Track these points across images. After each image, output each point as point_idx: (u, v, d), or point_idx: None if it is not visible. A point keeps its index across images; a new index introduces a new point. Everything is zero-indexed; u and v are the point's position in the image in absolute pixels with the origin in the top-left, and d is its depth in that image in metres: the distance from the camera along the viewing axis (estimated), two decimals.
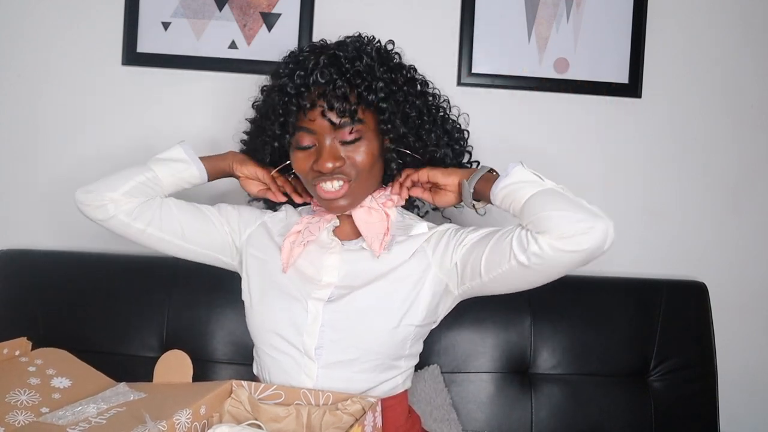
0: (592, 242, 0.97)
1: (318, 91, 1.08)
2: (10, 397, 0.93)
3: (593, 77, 1.70)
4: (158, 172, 1.22)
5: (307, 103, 1.09)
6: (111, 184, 1.20)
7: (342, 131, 1.09)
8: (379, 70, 1.12)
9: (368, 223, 1.17)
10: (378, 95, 1.10)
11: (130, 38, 1.66)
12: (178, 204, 1.25)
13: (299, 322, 1.13)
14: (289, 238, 1.19)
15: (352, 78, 1.09)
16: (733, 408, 1.68)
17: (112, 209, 1.19)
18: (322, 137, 1.10)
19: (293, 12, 1.67)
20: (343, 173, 1.11)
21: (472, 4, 1.68)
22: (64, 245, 1.66)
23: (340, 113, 1.07)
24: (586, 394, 1.54)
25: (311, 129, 1.10)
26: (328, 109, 1.07)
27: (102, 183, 1.21)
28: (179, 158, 1.24)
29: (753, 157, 1.74)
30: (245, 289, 1.24)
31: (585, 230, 0.97)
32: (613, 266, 1.72)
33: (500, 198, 1.09)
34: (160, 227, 1.22)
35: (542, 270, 1.01)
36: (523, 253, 1.00)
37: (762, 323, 1.76)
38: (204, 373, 1.48)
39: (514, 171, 1.10)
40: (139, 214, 1.20)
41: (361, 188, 1.15)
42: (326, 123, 1.08)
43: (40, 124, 1.69)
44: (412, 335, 1.15)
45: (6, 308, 1.54)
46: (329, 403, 1.01)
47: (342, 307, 1.13)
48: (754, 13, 1.72)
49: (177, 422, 0.85)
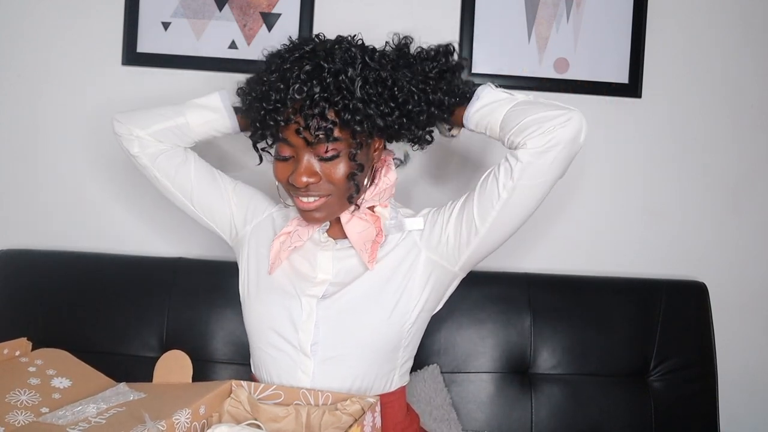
0: (569, 132, 1.03)
1: (295, 107, 1.04)
2: (11, 397, 0.93)
3: (593, 77, 1.70)
4: (190, 118, 1.24)
5: (282, 120, 1.05)
6: (143, 121, 1.24)
7: (318, 148, 1.06)
8: (364, 87, 1.06)
9: (357, 233, 1.15)
10: (355, 117, 1.04)
11: (130, 38, 1.66)
12: (198, 166, 1.28)
13: (295, 319, 1.14)
14: (279, 239, 1.19)
15: (331, 95, 1.03)
16: (733, 408, 1.68)
17: (136, 147, 1.24)
18: (299, 150, 1.07)
19: (293, 12, 1.67)
20: (319, 190, 1.09)
21: (472, 4, 1.68)
22: (64, 245, 1.66)
23: (315, 131, 1.03)
24: (586, 394, 1.54)
25: (289, 141, 1.07)
26: (303, 128, 1.04)
27: (136, 116, 1.24)
28: (215, 107, 1.26)
29: (753, 157, 1.74)
30: (242, 283, 1.24)
31: (562, 123, 1.02)
32: (613, 266, 1.72)
33: (474, 122, 1.13)
34: (173, 181, 1.26)
35: (530, 186, 1.05)
36: (509, 178, 1.05)
37: (762, 323, 1.76)
38: (203, 373, 1.48)
39: (484, 93, 1.13)
40: (159, 162, 1.24)
41: (338, 202, 1.12)
42: (301, 140, 1.05)
43: (40, 124, 1.69)
44: (409, 325, 1.14)
45: (6, 308, 1.54)
46: (328, 403, 1.01)
47: (334, 303, 1.13)
48: (754, 13, 1.72)
49: (176, 422, 0.85)
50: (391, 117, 1.08)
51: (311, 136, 1.03)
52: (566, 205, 1.73)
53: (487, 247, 1.14)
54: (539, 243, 1.73)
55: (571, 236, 1.74)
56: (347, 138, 1.06)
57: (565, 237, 1.74)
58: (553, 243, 1.73)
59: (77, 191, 1.70)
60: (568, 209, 1.73)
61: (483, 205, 1.08)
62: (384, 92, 1.08)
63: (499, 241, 1.14)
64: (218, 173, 1.31)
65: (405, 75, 1.12)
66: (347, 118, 1.03)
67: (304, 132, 1.04)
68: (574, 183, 1.73)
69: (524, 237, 1.72)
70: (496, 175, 1.07)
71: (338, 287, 1.15)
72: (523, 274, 1.63)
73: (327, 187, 1.09)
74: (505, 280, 1.61)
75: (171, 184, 1.26)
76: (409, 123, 1.12)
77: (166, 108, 1.26)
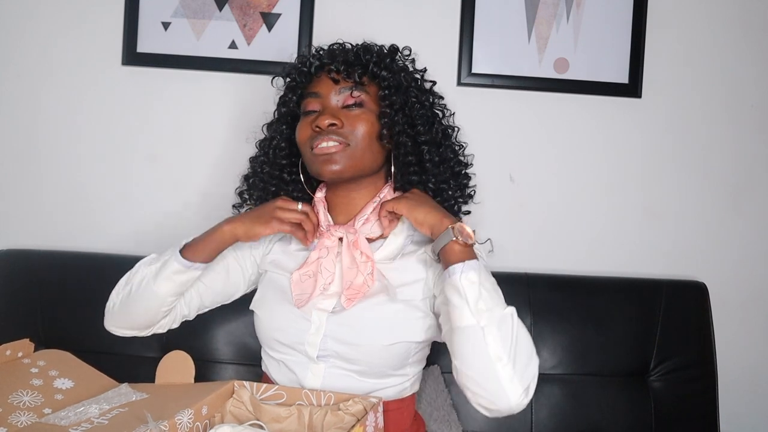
0: (493, 415, 1.01)
1: (328, 58, 1.17)
2: (13, 398, 0.93)
3: (593, 77, 1.70)
4: (167, 292, 1.17)
5: (316, 62, 1.17)
6: (133, 323, 1.22)
7: (345, 95, 1.13)
8: (386, 60, 1.18)
9: (349, 269, 1.13)
10: (384, 69, 1.16)
11: (130, 38, 1.66)
12: (206, 287, 1.25)
13: (303, 332, 1.13)
14: (299, 271, 1.17)
15: (362, 53, 1.17)
16: (733, 408, 1.68)
17: (145, 333, 1.25)
18: (326, 99, 1.14)
19: (293, 12, 1.67)
20: (340, 134, 1.10)
21: (472, 4, 1.68)
22: (64, 245, 1.66)
23: (345, 75, 1.14)
24: (586, 394, 1.54)
25: (317, 92, 1.15)
26: (334, 71, 1.14)
27: (124, 322, 1.23)
28: (178, 271, 1.16)
29: (753, 157, 1.74)
30: (256, 299, 1.24)
31: (485, 405, 0.99)
32: (613, 266, 1.72)
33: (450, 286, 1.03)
34: (187, 314, 1.26)
35: None
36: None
37: (762, 323, 1.76)
38: (203, 373, 1.48)
39: (452, 279, 1.00)
40: (171, 321, 1.25)
41: (356, 158, 1.12)
42: (330, 82, 1.14)
43: (40, 124, 1.69)
44: (414, 349, 1.14)
45: (6, 308, 1.54)
46: (331, 404, 1.01)
47: (345, 319, 1.12)
48: (754, 13, 1.72)
49: (179, 422, 0.85)
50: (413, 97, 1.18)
51: (340, 76, 1.14)
52: (566, 205, 1.73)
53: None
54: (539, 243, 1.74)
55: (571, 236, 1.74)
56: (373, 92, 1.16)
57: (565, 237, 1.74)
58: (553, 243, 1.73)
59: (77, 191, 1.70)
60: (568, 209, 1.74)
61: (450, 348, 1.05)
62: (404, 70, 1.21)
63: None
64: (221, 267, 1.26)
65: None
66: (375, 70, 1.15)
67: (334, 73, 1.14)
68: (574, 183, 1.73)
69: (524, 237, 1.73)
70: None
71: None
72: (523, 274, 1.63)
73: (348, 134, 1.11)
74: (505, 280, 1.58)
75: (185, 317, 1.26)
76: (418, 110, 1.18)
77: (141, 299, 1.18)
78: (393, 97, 1.14)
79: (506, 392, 0.95)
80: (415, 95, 1.19)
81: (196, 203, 1.69)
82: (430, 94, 1.24)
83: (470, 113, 1.47)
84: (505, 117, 1.71)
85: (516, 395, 0.95)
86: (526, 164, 1.72)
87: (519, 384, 0.95)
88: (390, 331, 1.11)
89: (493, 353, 0.95)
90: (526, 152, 1.72)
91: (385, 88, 1.15)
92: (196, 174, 1.70)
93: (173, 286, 1.16)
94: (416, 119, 1.17)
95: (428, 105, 1.22)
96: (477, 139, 1.37)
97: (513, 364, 0.95)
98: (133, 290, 1.19)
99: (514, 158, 1.72)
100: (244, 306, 1.27)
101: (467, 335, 0.97)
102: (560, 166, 1.73)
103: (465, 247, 1.03)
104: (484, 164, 1.43)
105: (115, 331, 1.24)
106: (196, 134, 1.69)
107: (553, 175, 1.73)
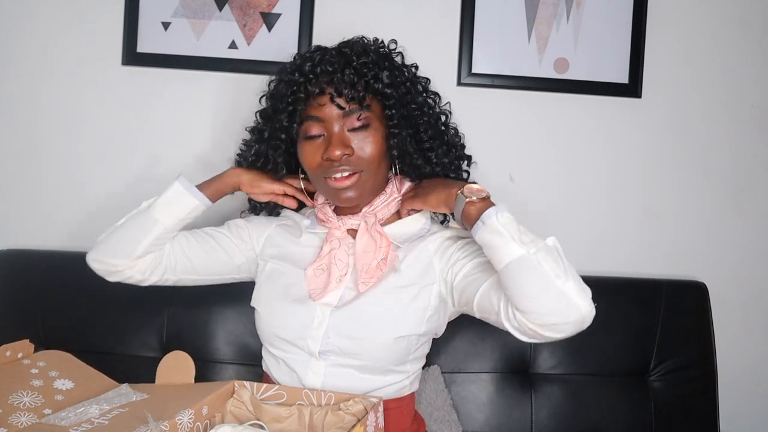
0: (565, 333, 0.98)
1: (326, 79, 1.09)
2: (13, 398, 0.93)
3: (593, 77, 1.70)
4: (162, 220, 1.19)
5: (315, 89, 1.09)
6: (120, 250, 1.19)
7: (350, 118, 1.09)
8: (385, 63, 1.14)
9: (364, 253, 1.14)
10: (384, 83, 1.11)
11: (130, 38, 1.66)
12: (188, 242, 1.24)
13: (305, 326, 1.14)
14: (312, 265, 1.18)
15: (360, 68, 1.10)
16: (733, 408, 1.68)
17: (126, 273, 1.21)
18: (330, 125, 1.10)
19: (293, 12, 1.67)
20: (352, 164, 1.10)
21: (472, 4, 1.68)
22: (64, 245, 1.66)
23: (348, 99, 1.08)
24: (586, 394, 1.54)
25: (319, 117, 1.10)
26: (336, 96, 1.08)
27: (110, 248, 1.20)
28: (179, 197, 1.20)
29: (753, 157, 1.74)
30: (256, 296, 1.24)
31: (557, 322, 0.96)
32: (613, 266, 1.72)
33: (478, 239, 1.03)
34: (174, 272, 1.24)
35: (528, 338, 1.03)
36: (508, 322, 1.01)
37: (762, 323, 1.76)
38: (204, 373, 1.48)
39: (489, 222, 0.99)
40: (152, 269, 1.21)
41: (370, 182, 1.13)
42: (335, 109, 1.09)
43: (40, 124, 1.69)
44: (415, 343, 1.15)
45: (6, 308, 1.54)
46: (331, 404, 1.01)
47: (347, 313, 1.13)
48: (754, 13, 1.72)
49: (179, 422, 0.85)
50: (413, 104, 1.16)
51: (345, 102, 1.07)
52: (566, 205, 1.73)
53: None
54: None
55: (571, 236, 1.73)
56: (377, 109, 1.11)
57: (565, 237, 1.72)
58: None
59: (77, 191, 1.70)
60: (567, 209, 1.74)
61: (483, 306, 1.06)
62: (403, 72, 1.17)
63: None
64: (205, 231, 1.27)
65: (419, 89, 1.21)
66: (377, 87, 1.09)
67: (337, 99, 1.07)
68: (574, 183, 1.73)
69: None
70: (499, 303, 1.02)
71: (353, 295, 1.15)
72: None
73: (360, 162, 1.10)
74: None
75: (172, 275, 1.24)
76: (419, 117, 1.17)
77: (133, 224, 1.20)
78: (398, 112, 1.12)
79: (575, 303, 0.95)
80: (416, 102, 1.18)
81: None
82: (425, 91, 1.23)
83: (470, 113, 1.47)
84: (505, 117, 1.71)
85: (585, 304, 0.96)
86: (526, 164, 1.72)
87: (584, 293, 0.97)
88: (393, 323, 1.12)
89: (552, 273, 0.96)
90: (526, 152, 1.72)
91: (390, 107, 1.12)
92: (197, 174, 1.69)
93: (171, 211, 1.18)
94: (420, 126, 1.17)
95: (427, 106, 1.21)
96: (477, 139, 1.37)
97: (572, 278, 0.97)
98: (127, 221, 1.20)
99: (514, 158, 1.72)
100: (245, 306, 1.27)
101: (520, 266, 0.97)
102: (560, 166, 1.72)
103: (483, 201, 1.03)
104: (484, 164, 1.44)
105: (95, 263, 1.21)
106: (196, 134, 1.69)
107: (553, 175, 1.73)
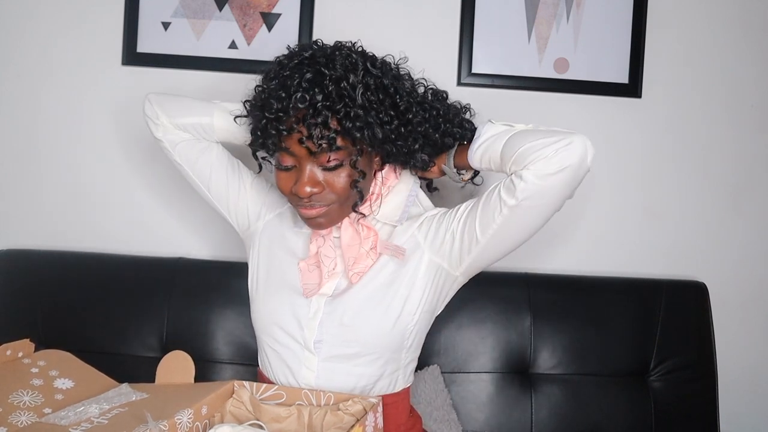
0: (574, 156, 1.01)
1: (297, 116, 1.03)
2: (13, 398, 0.93)
3: (593, 77, 1.70)
4: (216, 121, 1.25)
5: (284, 129, 1.04)
6: (172, 110, 1.26)
7: (321, 157, 1.05)
8: (365, 93, 1.05)
9: (347, 244, 1.15)
10: (356, 125, 1.03)
11: (130, 38, 1.66)
12: (220, 156, 1.28)
13: (300, 316, 1.14)
14: (305, 261, 1.19)
15: (333, 103, 1.02)
16: (733, 408, 1.68)
17: (160, 133, 1.27)
18: (301, 160, 1.06)
19: (293, 12, 1.67)
20: (322, 200, 1.08)
21: (472, 4, 1.68)
22: (64, 245, 1.66)
23: (318, 140, 1.02)
24: (586, 394, 1.54)
25: (292, 151, 1.06)
26: (306, 138, 1.03)
27: (167, 103, 1.27)
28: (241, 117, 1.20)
29: (753, 157, 1.74)
30: (251, 279, 1.25)
31: (564, 146, 1.00)
32: (613, 266, 1.72)
33: (478, 159, 1.12)
34: (192, 168, 1.28)
35: (533, 206, 1.04)
36: (512, 197, 1.03)
37: (762, 323, 1.76)
38: (203, 373, 1.48)
39: (485, 129, 1.12)
40: (181, 149, 1.27)
41: (341, 209, 1.12)
42: (304, 150, 1.04)
43: (40, 124, 1.69)
44: (411, 326, 1.15)
45: (6, 308, 1.54)
46: (330, 404, 1.01)
47: (340, 303, 1.13)
48: (754, 13, 1.72)
49: (178, 422, 0.85)
50: (390, 126, 1.08)
51: (314, 145, 1.03)
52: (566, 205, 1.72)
53: (489, 257, 1.13)
54: (539, 243, 1.73)
55: (571, 236, 1.74)
56: (349, 146, 1.06)
57: (565, 237, 1.74)
58: (553, 243, 1.73)
59: (77, 191, 1.70)
60: (567, 209, 1.72)
61: (485, 216, 1.08)
62: (385, 99, 1.08)
63: (501, 253, 1.13)
64: (239, 165, 1.31)
65: (404, 86, 1.14)
66: (349, 126, 1.02)
67: (307, 142, 1.03)
68: None
69: None
70: (500, 190, 1.06)
71: (347, 286, 1.15)
72: (523, 274, 1.63)
73: (330, 196, 1.08)
74: (505, 280, 1.61)
75: (191, 170, 1.28)
76: (407, 134, 1.12)
77: (196, 102, 1.28)
78: (369, 138, 1.06)
79: (575, 135, 1.03)
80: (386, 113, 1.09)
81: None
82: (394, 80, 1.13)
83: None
84: (505, 117, 1.70)
85: (583, 135, 1.03)
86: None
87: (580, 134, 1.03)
88: (384, 309, 1.12)
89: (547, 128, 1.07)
90: None
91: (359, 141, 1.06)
92: None
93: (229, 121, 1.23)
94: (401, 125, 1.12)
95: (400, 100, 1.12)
96: None
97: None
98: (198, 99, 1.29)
99: None
100: (245, 306, 1.27)
101: (522, 133, 1.07)
102: None
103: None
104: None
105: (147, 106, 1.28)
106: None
107: None
